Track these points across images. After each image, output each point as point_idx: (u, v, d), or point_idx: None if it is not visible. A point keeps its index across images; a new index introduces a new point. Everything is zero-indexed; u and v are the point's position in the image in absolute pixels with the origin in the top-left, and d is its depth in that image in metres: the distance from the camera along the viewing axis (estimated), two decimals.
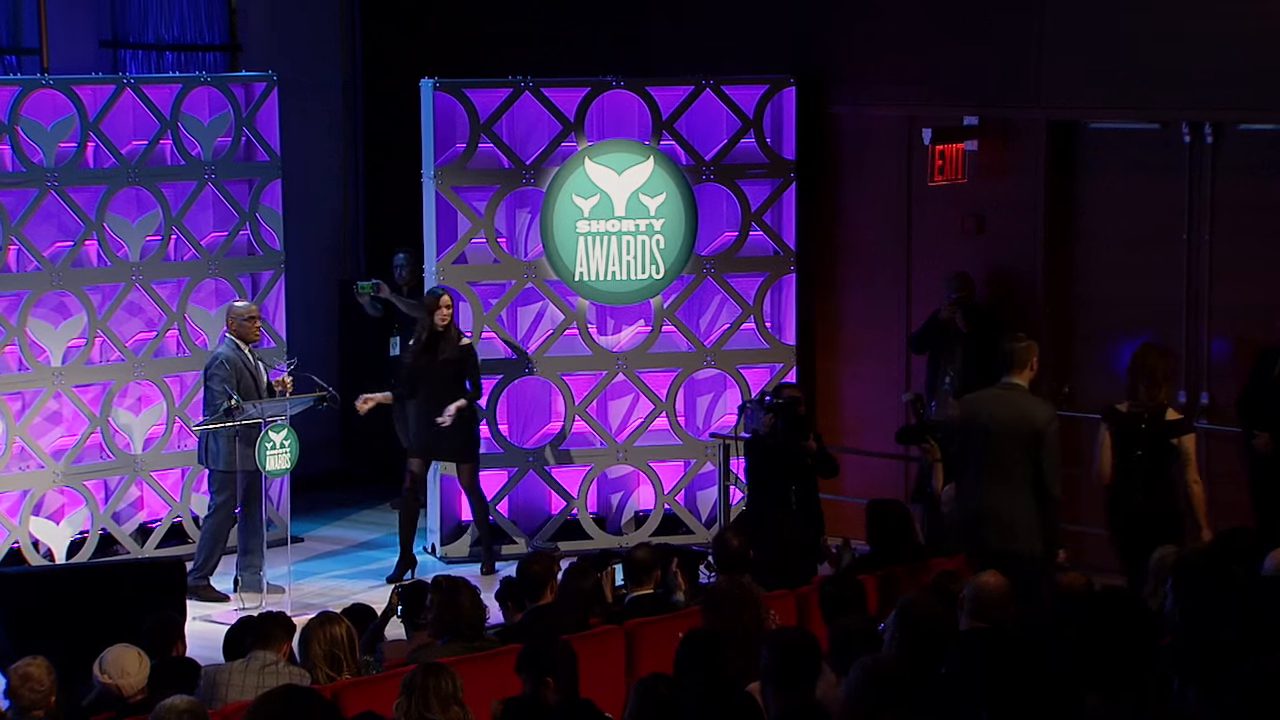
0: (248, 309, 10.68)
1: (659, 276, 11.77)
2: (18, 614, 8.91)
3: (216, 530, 10.65)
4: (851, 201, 11.98)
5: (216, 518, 10.64)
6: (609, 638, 7.55)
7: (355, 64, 13.66)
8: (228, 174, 11.65)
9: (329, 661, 6.90)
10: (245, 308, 10.68)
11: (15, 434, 10.85)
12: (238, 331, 10.56)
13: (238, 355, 10.48)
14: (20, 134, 10.83)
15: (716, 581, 7.74)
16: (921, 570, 8.24)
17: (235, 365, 10.44)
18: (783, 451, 10.14)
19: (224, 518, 10.62)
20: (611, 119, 11.78)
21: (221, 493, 10.56)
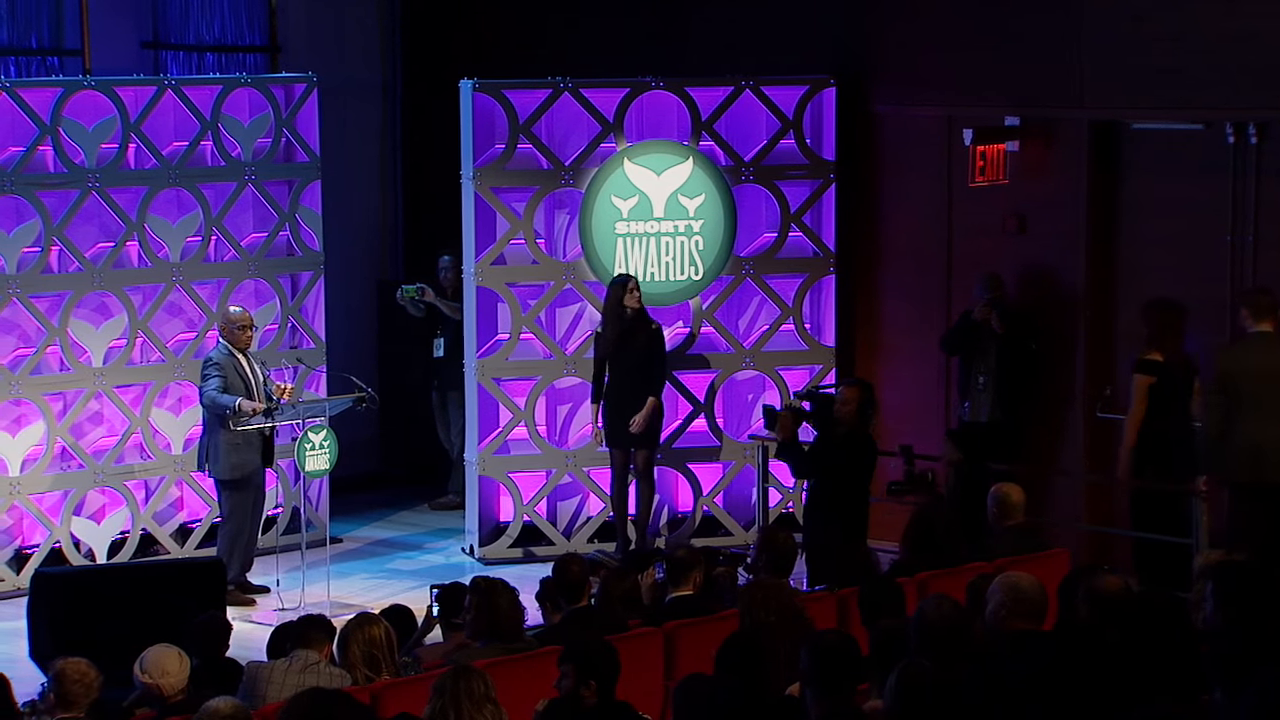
0: (242, 316, 10.64)
1: (698, 278, 11.78)
2: (59, 613, 8.98)
3: (231, 538, 10.67)
4: (891, 202, 11.95)
5: (230, 525, 10.65)
6: (648, 639, 7.55)
7: (395, 65, 13.71)
8: (268, 175, 11.71)
9: (368, 662, 6.93)
10: (240, 315, 10.65)
11: (57, 434, 10.93)
12: (229, 337, 10.57)
13: (229, 359, 10.48)
14: (62, 135, 10.91)
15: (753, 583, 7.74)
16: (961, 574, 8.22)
17: (225, 367, 10.45)
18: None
19: (237, 525, 10.62)
20: (650, 120, 11.79)
21: (229, 499, 10.58)
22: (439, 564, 11.61)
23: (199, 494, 11.53)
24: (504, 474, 11.67)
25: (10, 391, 10.77)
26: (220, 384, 10.37)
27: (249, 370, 10.54)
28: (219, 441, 10.42)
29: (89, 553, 11.11)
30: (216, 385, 10.37)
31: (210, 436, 10.47)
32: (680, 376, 11.79)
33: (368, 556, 11.82)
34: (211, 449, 10.48)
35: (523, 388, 11.70)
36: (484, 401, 11.66)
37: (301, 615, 7.34)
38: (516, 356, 11.67)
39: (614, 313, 11.18)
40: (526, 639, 7.47)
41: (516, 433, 11.71)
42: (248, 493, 10.60)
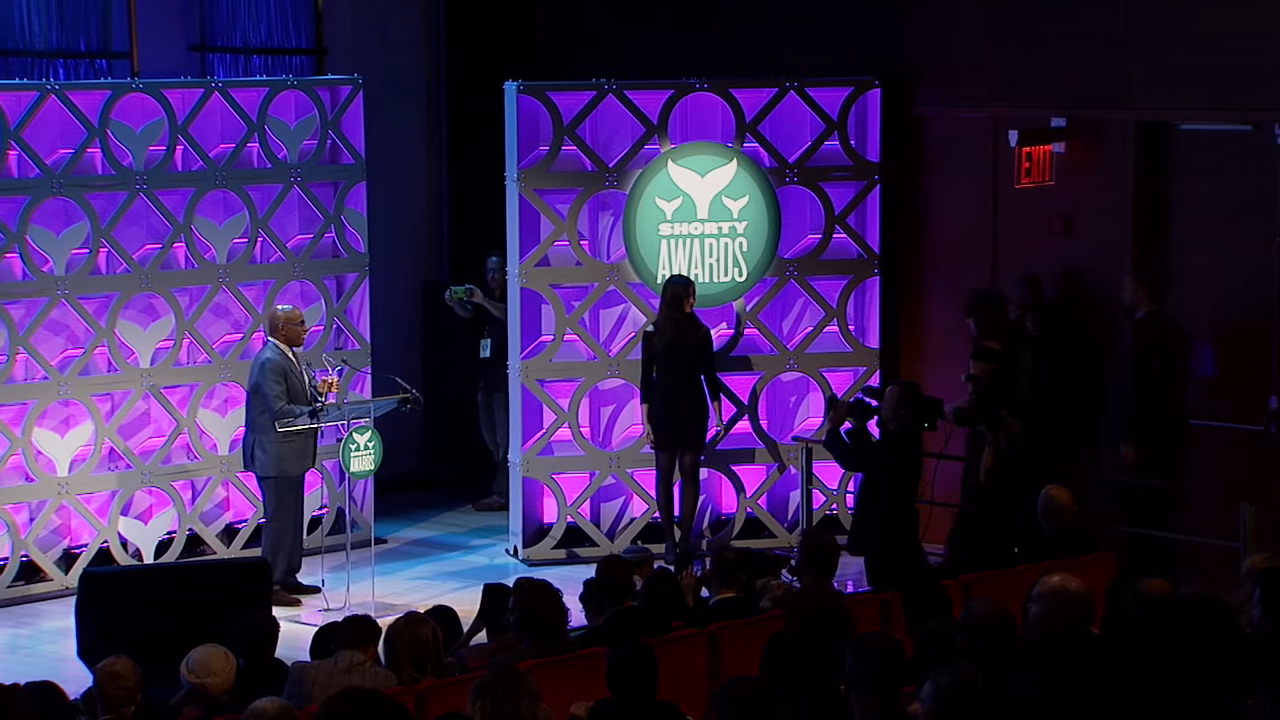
0: (296, 313, 10.72)
1: (742, 279, 11.77)
2: (107, 613, 9.03)
3: (276, 536, 10.72)
4: (936, 204, 11.92)
5: (275, 524, 10.70)
6: (692, 641, 7.55)
7: (439, 67, 13.75)
8: (313, 177, 11.76)
9: (414, 663, 6.94)
10: (293, 311, 10.72)
11: (105, 435, 11.00)
12: (286, 334, 10.61)
13: (283, 359, 10.54)
14: (110, 137, 10.98)
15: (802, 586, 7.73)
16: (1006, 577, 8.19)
17: (282, 369, 10.51)
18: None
19: (282, 524, 10.68)
20: (695, 121, 11.79)
21: (276, 498, 10.63)
22: (483, 565, 11.64)
23: (245, 494, 11.59)
24: (548, 475, 11.69)
25: (59, 392, 10.85)
26: (282, 391, 10.39)
27: (301, 369, 10.61)
28: (265, 440, 10.47)
29: (136, 552, 11.18)
30: (279, 392, 10.39)
31: (256, 435, 10.52)
32: (724, 378, 11.78)
33: (412, 557, 11.86)
34: (258, 448, 10.52)
35: (566, 389, 11.71)
36: (528, 403, 11.68)
37: (346, 615, 7.36)
38: (560, 358, 11.68)
39: (671, 313, 11.17)
40: (570, 640, 7.47)
41: (560, 434, 11.73)
42: (292, 492, 10.64)
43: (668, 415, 11.30)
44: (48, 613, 10.51)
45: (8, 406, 10.73)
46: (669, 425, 11.32)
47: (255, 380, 10.54)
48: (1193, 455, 10.63)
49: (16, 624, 10.41)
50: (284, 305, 10.83)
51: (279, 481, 10.57)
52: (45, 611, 10.55)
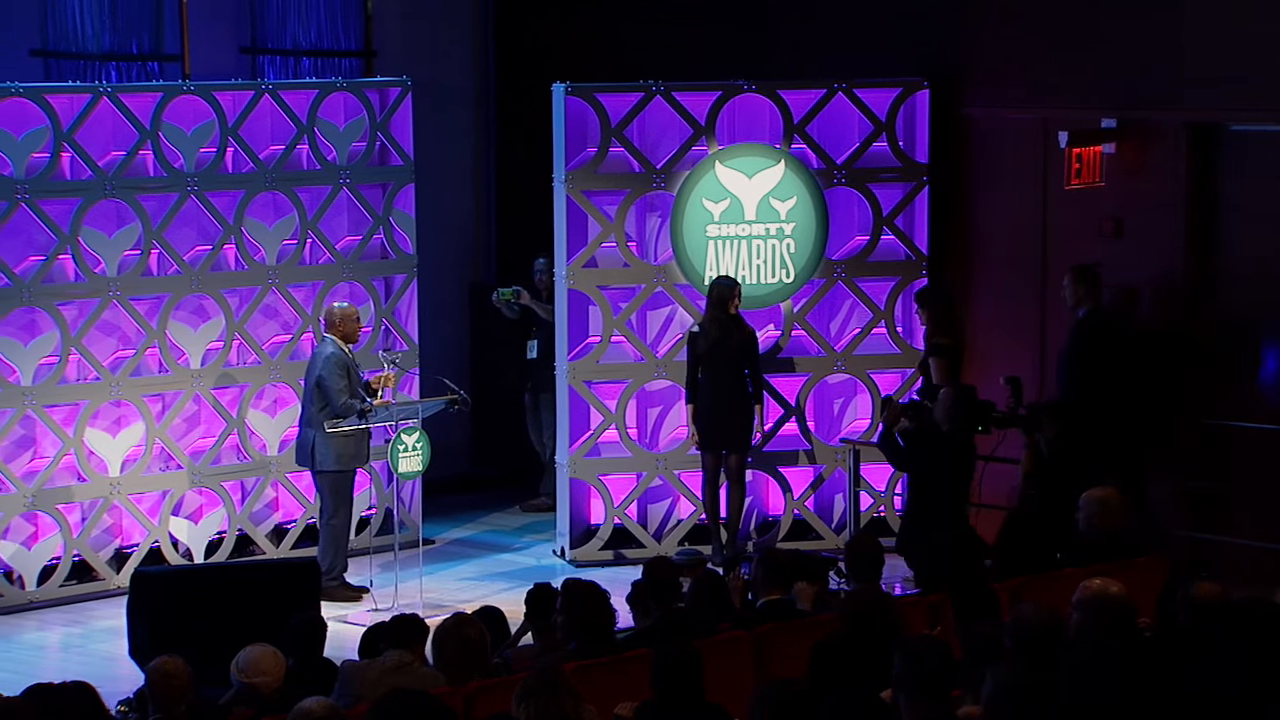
0: (353, 309, 10.80)
1: (789, 281, 11.75)
2: (157, 612, 9.09)
3: (337, 532, 10.78)
4: (985, 205, 11.87)
5: (336, 519, 10.76)
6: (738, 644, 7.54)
7: (488, 69, 13.78)
8: (362, 178, 11.81)
9: (462, 664, 6.96)
10: (350, 308, 10.80)
11: (156, 435, 11.08)
12: (344, 332, 10.67)
13: (344, 354, 10.61)
14: (162, 139, 11.05)
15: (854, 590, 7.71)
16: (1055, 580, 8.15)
17: (345, 363, 10.57)
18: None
19: (343, 519, 10.74)
20: (742, 122, 11.79)
21: (334, 494, 10.68)
22: (530, 566, 11.66)
23: (294, 495, 11.65)
24: (595, 476, 11.71)
25: (111, 393, 10.93)
26: (345, 385, 10.45)
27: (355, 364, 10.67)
28: (323, 438, 10.52)
29: (187, 552, 11.26)
30: (343, 386, 10.45)
31: (315, 431, 10.56)
32: (771, 380, 11.77)
33: (459, 558, 11.89)
34: (317, 443, 10.57)
35: (613, 390, 11.72)
36: (575, 404, 11.70)
37: (394, 615, 7.39)
38: (607, 359, 11.70)
39: (717, 315, 11.18)
40: (617, 642, 7.48)
41: (607, 435, 11.74)
42: (349, 489, 10.68)
43: (713, 417, 11.31)
44: (100, 612, 10.59)
45: (60, 407, 10.82)
46: (714, 427, 11.32)
47: (318, 375, 10.58)
48: (1245, 457, 10.56)
49: (69, 623, 10.50)
50: (340, 302, 10.89)
51: (339, 477, 10.61)
52: (97, 610, 10.63)
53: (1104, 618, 6.04)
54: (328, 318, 10.78)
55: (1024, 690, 4.94)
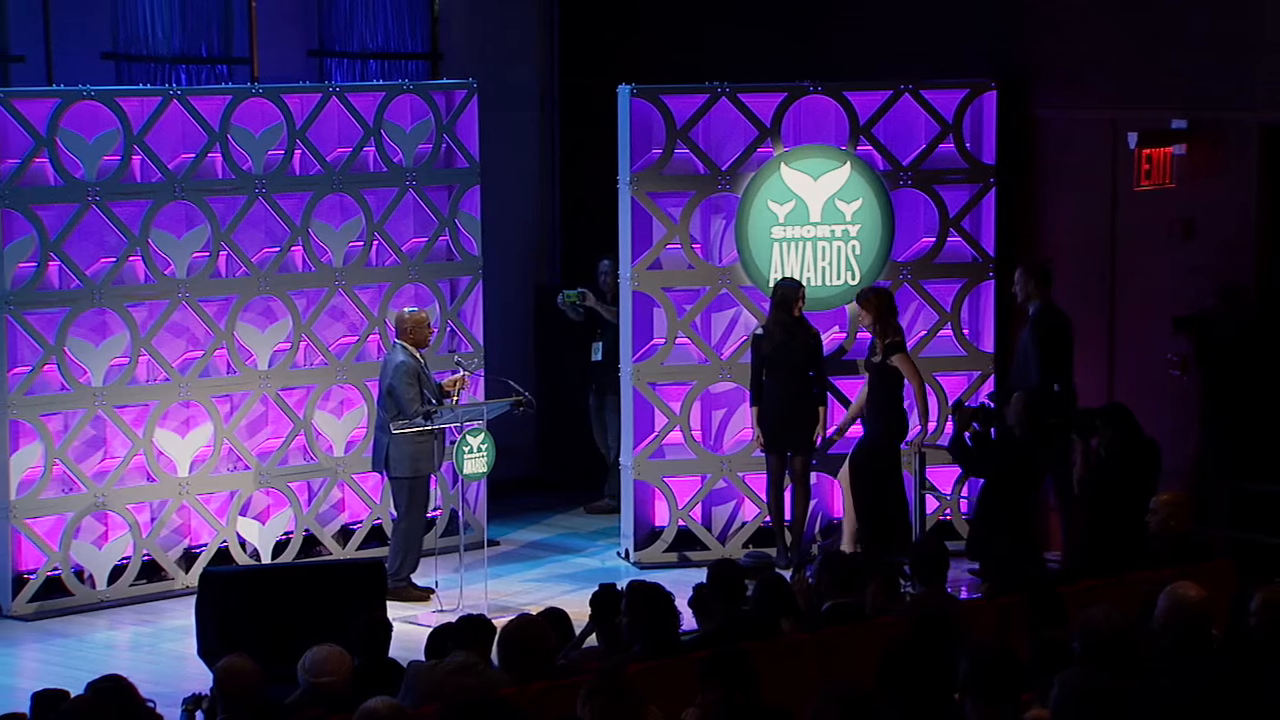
0: (424, 314, 10.84)
1: (855, 282, 11.71)
2: (225, 612, 9.16)
3: (408, 536, 10.83)
4: (1053, 207, 11.79)
5: (407, 523, 10.81)
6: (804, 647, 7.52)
7: (553, 70, 13.81)
8: (428, 180, 11.86)
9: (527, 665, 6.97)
10: (421, 314, 10.83)
11: (224, 436, 11.16)
12: (415, 337, 10.72)
13: (414, 361, 10.65)
14: (231, 142, 11.14)
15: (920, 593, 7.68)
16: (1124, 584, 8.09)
17: (415, 371, 10.61)
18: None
19: (414, 523, 10.79)
20: (808, 124, 11.76)
21: (408, 498, 10.72)
22: (594, 568, 11.67)
23: (360, 496, 11.71)
24: (659, 479, 11.71)
25: (179, 393, 11.03)
26: (416, 394, 10.50)
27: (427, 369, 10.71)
28: (396, 444, 10.56)
29: (254, 553, 11.33)
30: (414, 394, 10.49)
31: (390, 437, 10.61)
32: (836, 382, 11.73)
33: (524, 559, 11.92)
34: (392, 448, 10.61)
35: (678, 392, 11.72)
36: (639, 406, 11.70)
37: (462, 616, 7.40)
38: (672, 361, 11.69)
39: (781, 316, 11.17)
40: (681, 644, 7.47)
41: (672, 437, 11.74)
42: (423, 492, 10.71)
43: (777, 419, 11.28)
44: (169, 611, 10.68)
45: (130, 407, 10.92)
46: (779, 429, 11.30)
47: (389, 383, 10.62)
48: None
49: (139, 622, 10.60)
50: (410, 308, 10.94)
51: (412, 483, 10.65)
52: (167, 610, 10.73)
53: (1184, 624, 5.98)
54: (398, 324, 10.82)
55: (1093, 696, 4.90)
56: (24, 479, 10.60)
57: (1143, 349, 11.48)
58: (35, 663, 9.97)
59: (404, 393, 10.52)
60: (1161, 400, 11.18)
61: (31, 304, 10.56)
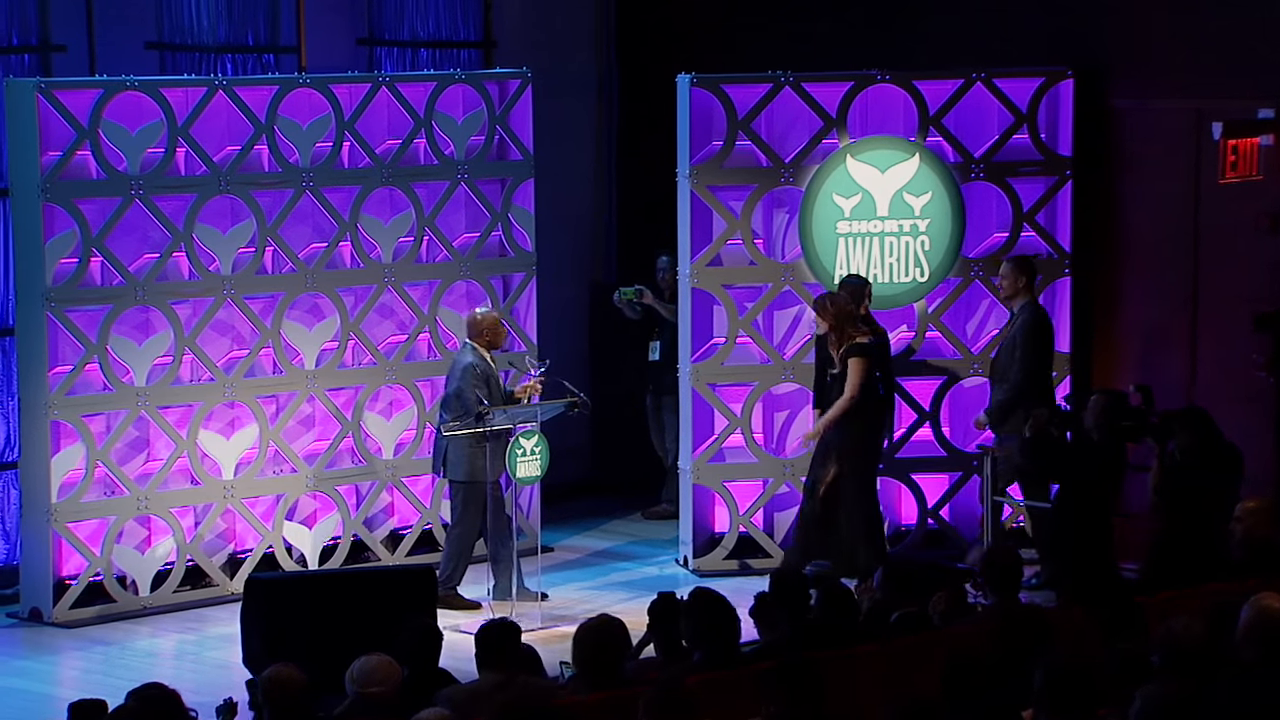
0: (496, 314, 10.91)
1: (923, 279, 11.69)
2: (271, 619, 9.24)
3: (461, 541, 10.89)
4: (1133, 201, 11.74)
5: (461, 528, 10.87)
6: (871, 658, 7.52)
7: (610, 60, 13.85)
8: (480, 173, 11.91)
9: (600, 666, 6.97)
10: (495, 314, 10.90)
11: (270, 437, 11.25)
12: (489, 339, 10.78)
13: (485, 363, 10.71)
14: (278, 133, 11.22)
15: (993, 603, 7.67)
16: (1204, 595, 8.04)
17: (485, 374, 10.67)
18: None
19: (468, 528, 10.84)
20: (875, 114, 11.75)
21: (464, 503, 10.78)
22: (652, 575, 11.70)
23: (410, 500, 11.78)
24: (719, 483, 11.72)
25: (224, 394, 11.12)
26: (485, 395, 10.56)
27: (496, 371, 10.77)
28: (455, 447, 10.61)
29: (301, 558, 11.42)
30: (482, 396, 10.56)
31: (446, 441, 10.65)
32: (904, 383, 11.72)
33: (579, 566, 11.95)
34: (451, 451, 10.66)
35: (739, 393, 11.73)
36: (698, 407, 11.72)
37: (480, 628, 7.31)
38: (732, 361, 11.71)
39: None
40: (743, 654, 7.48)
41: (732, 440, 11.75)
42: (478, 501, 10.74)
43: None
44: (213, 618, 10.77)
45: (174, 408, 11.02)
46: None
47: (457, 385, 10.66)
48: None
49: (183, 630, 10.69)
50: (482, 309, 11.00)
51: (471, 487, 10.70)
52: (211, 617, 10.81)
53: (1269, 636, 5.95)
54: (471, 324, 10.86)
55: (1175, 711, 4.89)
56: (65, 481, 10.72)
57: (1227, 350, 11.41)
58: (75, 671, 10.09)
59: (470, 395, 10.56)
60: (1247, 403, 11.11)
61: (73, 301, 10.68)
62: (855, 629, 7.88)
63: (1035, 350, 11.10)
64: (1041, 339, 11.15)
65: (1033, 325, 11.11)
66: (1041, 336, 11.15)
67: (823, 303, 11.02)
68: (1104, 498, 10.03)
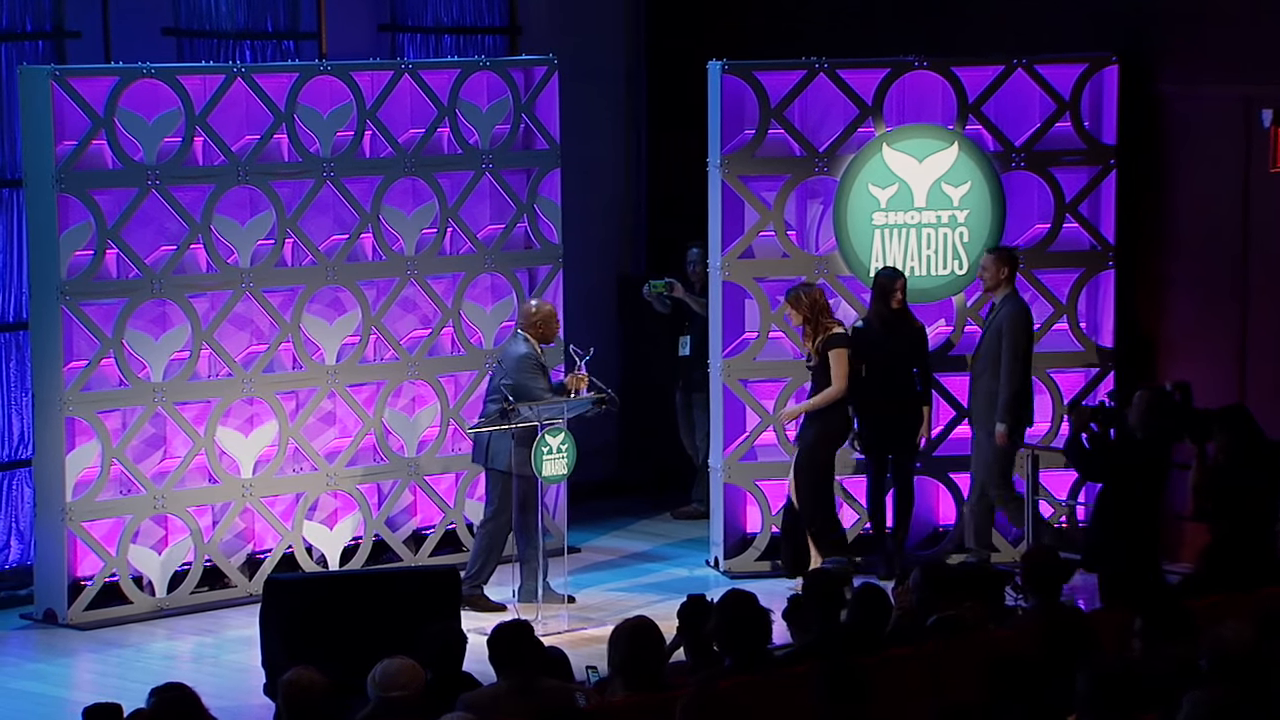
0: (550, 307, 10.89)
1: (962, 272, 11.66)
2: (290, 621, 9.25)
3: (493, 538, 10.89)
4: (1179, 191, 11.69)
5: (495, 524, 10.86)
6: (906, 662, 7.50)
7: (639, 46, 13.83)
8: (505, 163, 11.91)
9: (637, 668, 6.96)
10: (550, 307, 10.89)
11: (289, 435, 11.26)
12: (542, 332, 10.78)
13: (536, 353, 10.73)
14: (298, 122, 11.23)
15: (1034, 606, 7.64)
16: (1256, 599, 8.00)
17: (540, 363, 10.69)
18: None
19: (502, 524, 10.83)
20: (912, 102, 11.72)
21: (501, 496, 10.77)
22: (682, 577, 11.69)
23: (433, 499, 11.78)
24: (751, 482, 11.70)
25: (243, 390, 11.14)
26: (545, 385, 10.63)
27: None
28: (498, 435, 10.59)
29: (321, 559, 11.43)
30: (544, 385, 10.62)
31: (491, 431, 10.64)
32: (942, 379, 11.68)
33: (606, 568, 11.95)
34: (492, 442, 10.64)
35: (771, 390, 11.71)
36: (730, 404, 11.70)
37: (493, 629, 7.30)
38: (765, 356, 11.69)
39: (880, 308, 11.16)
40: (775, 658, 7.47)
41: (765, 438, 11.74)
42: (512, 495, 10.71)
43: (878, 419, 11.25)
44: (232, 620, 10.79)
45: (191, 404, 11.04)
46: (880, 429, 11.27)
47: (514, 379, 10.60)
48: None
49: (200, 632, 10.72)
50: (535, 301, 11.02)
51: (510, 479, 10.65)
52: (229, 619, 10.84)
53: None
54: (524, 315, 10.87)
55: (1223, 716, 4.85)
56: (80, 480, 10.75)
57: (1278, 345, 11.34)
58: (91, 674, 10.12)
59: (531, 384, 10.56)
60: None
61: (88, 294, 10.71)
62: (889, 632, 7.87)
63: (1026, 341, 11.13)
64: (1028, 330, 11.18)
65: (1018, 316, 11.13)
66: (1028, 327, 11.18)
67: (795, 294, 11.07)
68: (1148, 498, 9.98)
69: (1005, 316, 11.17)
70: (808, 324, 11.04)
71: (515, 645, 7.09)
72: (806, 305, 11.03)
